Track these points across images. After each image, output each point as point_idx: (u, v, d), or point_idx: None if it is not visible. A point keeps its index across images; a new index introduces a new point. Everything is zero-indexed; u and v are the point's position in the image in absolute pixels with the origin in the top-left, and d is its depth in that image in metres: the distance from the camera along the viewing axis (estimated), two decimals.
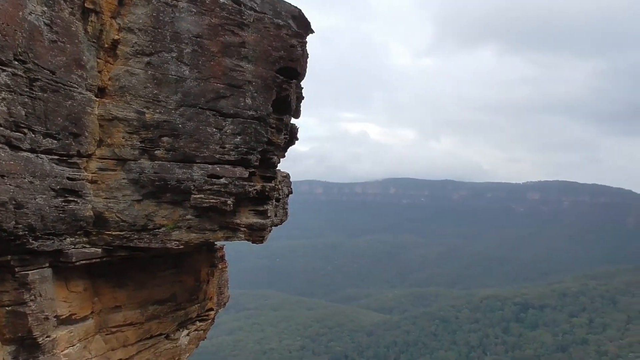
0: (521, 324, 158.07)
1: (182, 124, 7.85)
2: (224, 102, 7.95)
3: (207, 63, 7.91)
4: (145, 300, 8.85)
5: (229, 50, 7.96)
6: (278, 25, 8.12)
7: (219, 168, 7.87)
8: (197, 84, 7.90)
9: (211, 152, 7.90)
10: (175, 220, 7.95)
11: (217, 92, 7.94)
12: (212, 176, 7.82)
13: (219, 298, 11.16)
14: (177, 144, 7.86)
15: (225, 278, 11.52)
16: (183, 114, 7.86)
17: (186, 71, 7.88)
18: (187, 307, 9.76)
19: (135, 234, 7.84)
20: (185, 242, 7.96)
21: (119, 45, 7.78)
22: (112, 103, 7.76)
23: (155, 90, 7.82)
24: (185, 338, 9.85)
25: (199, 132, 7.90)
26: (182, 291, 9.55)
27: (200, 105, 7.90)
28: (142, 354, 8.95)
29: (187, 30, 7.85)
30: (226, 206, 7.79)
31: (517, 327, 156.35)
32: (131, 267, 8.55)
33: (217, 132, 7.94)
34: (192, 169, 7.84)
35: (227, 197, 7.81)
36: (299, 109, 9.24)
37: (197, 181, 7.80)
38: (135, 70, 7.79)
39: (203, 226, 8.03)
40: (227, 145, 7.93)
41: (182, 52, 7.86)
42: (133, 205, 7.86)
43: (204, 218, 8.01)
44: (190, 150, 7.87)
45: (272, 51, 8.07)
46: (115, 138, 7.79)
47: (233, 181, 7.85)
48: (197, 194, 7.80)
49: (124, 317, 8.57)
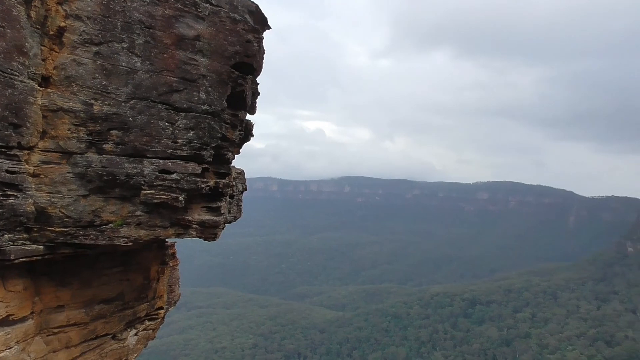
0: (469, 319, 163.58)
1: (132, 117, 7.58)
2: (177, 95, 7.75)
3: (160, 55, 7.68)
4: (90, 300, 8.51)
5: (183, 43, 7.76)
6: (234, 19, 7.99)
7: (171, 163, 7.66)
8: (149, 76, 7.64)
9: (163, 146, 7.68)
10: (123, 217, 7.68)
11: (170, 85, 7.72)
12: (163, 171, 7.60)
13: (169, 296, 10.90)
14: (127, 138, 7.58)
15: (176, 276, 11.27)
16: (134, 106, 7.60)
17: (138, 63, 7.61)
18: (136, 306, 9.47)
19: (81, 231, 7.52)
20: (134, 239, 7.71)
21: (66, 32, 7.42)
22: (57, 93, 7.39)
23: (105, 81, 7.51)
24: (133, 338, 9.56)
25: (151, 126, 7.65)
26: (130, 290, 9.26)
27: (152, 99, 7.66)
28: (86, 355, 8.61)
29: (139, 21, 7.58)
30: (178, 202, 7.61)
31: (465, 322, 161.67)
32: (76, 265, 8.20)
33: (169, 127, 7.72)
34: (143, 164, 7.59)
35: (178, 193, 7.62)
36: (254, 105, 9.14)
37: (147, 176, 7.56)
38: (82, 60, 7.46)
39: (153, 223, 7.80)
40: (179, 140, 7.73)
41: (133, 43, 7.59)
42: (79, 201, 7.53)
43: (155, 214, 7.78)
44: (141, 145, 7.61)
45: (228, 46, 7.93)
46: (61, 130, 7.42)
47: (185, 177, 7.66)
48: (147, 189, 7.56)
49: (67, 317, 8.21)
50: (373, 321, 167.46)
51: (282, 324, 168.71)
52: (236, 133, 8.42)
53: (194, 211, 8.00)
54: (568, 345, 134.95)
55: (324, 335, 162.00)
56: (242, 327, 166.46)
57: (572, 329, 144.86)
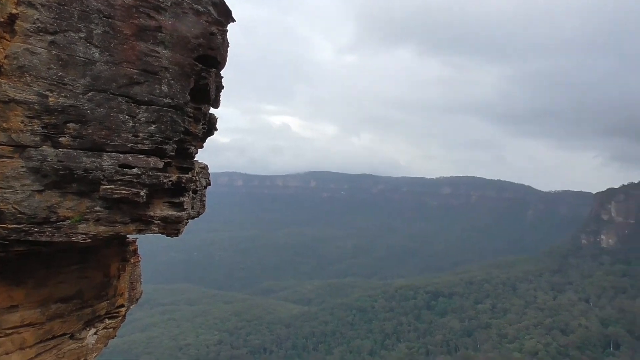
0: (432, 312, 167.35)
1: (90, 110, 7.32)
2: (138, 88, 7.53)
3: (120, 46, 7.44)
4: (46, 299, 8.21)
5: (144, 34, 7.54)
6: (197, 11, 7.83)
7: (132, 157, 7.44)
8: (108, 67, 7.39)
9: (123, 140, 7.45)
10: (82, 212, 7.43)
11: (130, 77, 7.49)
12: (123, 166, 7.38)
13: (130, 294, 10.64)
14: (84, 131, 7.31)
15: (137, 273, 11.01)
16: (92, 99, 7.34)
17: (96, 54, 7.35)
18: (95, 304, 9.20)
19: (36, 227, 7.22)
20: (93, 235, 7.46)
21: (18, 20, 7.08)
22: (9, 84, 7.06)
23: (61, 72, 7.22)
24: (93, 337, 9.29)
25: (110, 119, 7.41)
26: (89, 288, 8.98)
27: (112, 91, 7.42)
28: (42, 356, 8.30)
29: (97, 10, 7.32)
30: (139, 198, 7.41)
31: (428, 314, 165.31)
32: (31, 263, 7.89)
33: (129, 120, 7.50)
34: (102, 158, 7.35)
35: (140, 188, 7.42)
36: (218, 98, 8.99)
37: (107, 171, 7.32)
38: (36, 49, 7.14)
39: (113, 218, 7.57)
40: (140, 133, 7.52)
41: (91, 33, 7.31)
42: (33, 196, 7.23)
43: (115, 210, 7.56)
44: (100, 138, 7.36)
45: (191, 38, 7.76)
46: (13, 122, 7.09)
47: (146, 171, 7.47)
48: (106, 184, 7.33)
49: (21, 318, 7.89)
50: (338, 315, 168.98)
51: (248, 319, 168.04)
52: (199, 127, 8.27)
53: (156, 206, 7.81)
54: (526, 334, 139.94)
55: (289, 329, 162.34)
56: (207, 324, 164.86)
57: (529, 319, 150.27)
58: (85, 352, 9.18)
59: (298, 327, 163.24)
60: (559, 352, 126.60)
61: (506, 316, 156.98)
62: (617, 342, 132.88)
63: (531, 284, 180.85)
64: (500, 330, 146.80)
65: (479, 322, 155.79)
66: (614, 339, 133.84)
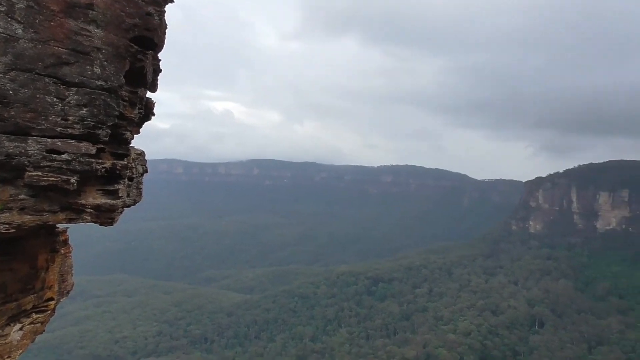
0: (372, 297, 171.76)
1: (13, 91, 6.80)
2: (68, 69, 7.07)
3: (46, 23, 6.94)
4: None
5: (73, 11, 7.07)
6: None
7: (61, 142, 7.00)
8: (33, 45, 6.89)
9: (51, 124, 6.99)
10: (4, 201, 6.93)
11: (58, 57, 7.02)
12: (51, 151, 6.94)
13: (60, 286, 10.10)
14: (7, 114, 6.80)
15: (69, 264, 10.46)
16: (15, 79, 6.82)
17: (19, 30, 6.82)
18: (20, 298, 8.65)
19: None
20: (17, 225, 6.99)
21: None
22: None
23: None
24: (18, 333, 8.75)
25: (36, 101, 6.92)
26: (13, 280, 8.43)
27: (37, 71, 6.92)
28: None
29: None
30: (69, 185, 7.00)
31: (369, 299, 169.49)
32: None
33: (58, 103, 7.04)
34: (27, 143, 6.87)
35: (70, 175, 7.01)
36: (155, 82, 8.63)
37: (32, 157, 6.86)
38: None
39: (40, 207, 7.13)
40: (70, 117, 7.08)
41: (13, 7, 6.77)
42: None
43: (42, 198, 7.11)
44: (24, 122, 6.87)
45: (125, 17, 7.36)
46: None
47: (77, 157, 7.06)
48: (32, 171, 6.87)
49: None
50: (281, 302, 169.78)
51: (188, 309, 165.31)
52: (135, 111, 7.91)
53: (88, 194, 7.42)
54: (460, 316, 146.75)
55: (231, 318, 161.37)
56: (145, 315, 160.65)
57: (463, 301, 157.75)
58: (9, 349, 8.64)
59: (240, 316, 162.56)
60: (490, 331, 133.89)
61: (442, 299, 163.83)
62: (542, 321, 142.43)
63: (465, 268, 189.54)
64: (436, 313, 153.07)
65: (417, 305, 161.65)
66: (539, 318, 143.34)
